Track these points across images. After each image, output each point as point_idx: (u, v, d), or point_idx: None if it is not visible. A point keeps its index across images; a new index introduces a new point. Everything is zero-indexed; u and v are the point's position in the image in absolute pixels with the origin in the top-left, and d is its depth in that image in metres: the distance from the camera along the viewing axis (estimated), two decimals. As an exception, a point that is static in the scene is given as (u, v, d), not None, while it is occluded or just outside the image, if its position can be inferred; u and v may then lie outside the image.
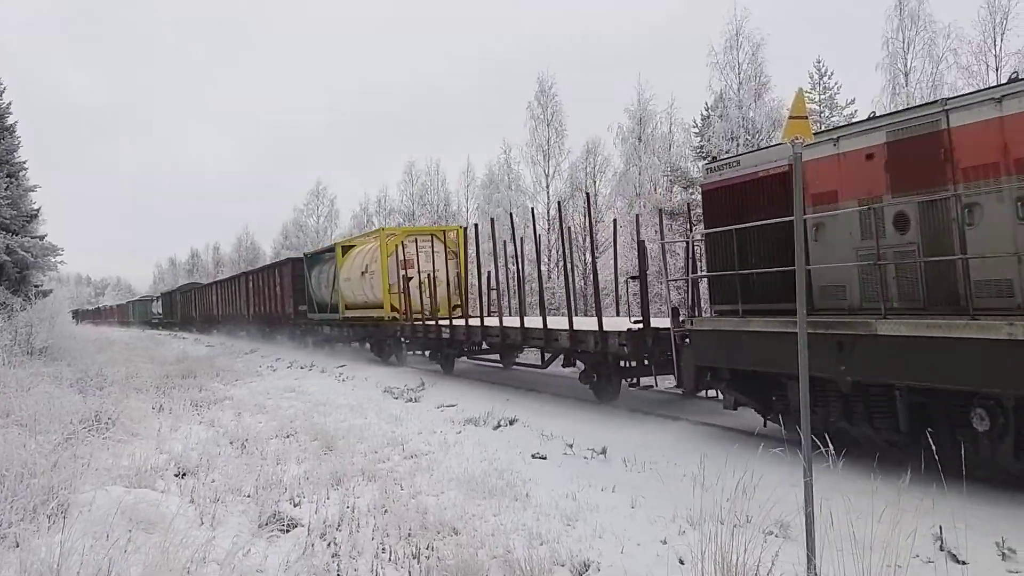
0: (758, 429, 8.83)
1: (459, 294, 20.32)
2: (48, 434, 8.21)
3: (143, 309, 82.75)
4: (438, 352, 19.75)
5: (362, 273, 23.32)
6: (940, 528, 5.28)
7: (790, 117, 4.91)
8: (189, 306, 60.42)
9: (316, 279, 29.11)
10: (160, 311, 75.27)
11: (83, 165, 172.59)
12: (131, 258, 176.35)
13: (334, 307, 26.42)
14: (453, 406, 13.09)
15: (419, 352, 21.53)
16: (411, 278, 20.56)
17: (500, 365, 17.90)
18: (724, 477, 7.19)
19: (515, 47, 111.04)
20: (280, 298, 33.76)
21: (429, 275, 21.01)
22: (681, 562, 5.04)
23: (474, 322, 17.02)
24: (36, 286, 24.58)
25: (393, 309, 21.58)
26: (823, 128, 18.93)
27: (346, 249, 26.42)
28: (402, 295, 20.64)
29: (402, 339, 21.06)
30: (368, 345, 25.19)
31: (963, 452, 5.81)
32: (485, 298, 19.35)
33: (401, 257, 21.01)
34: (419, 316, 19.89)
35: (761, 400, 9.30)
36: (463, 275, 21.37)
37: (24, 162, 25.01)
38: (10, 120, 24.64)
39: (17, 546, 5.01)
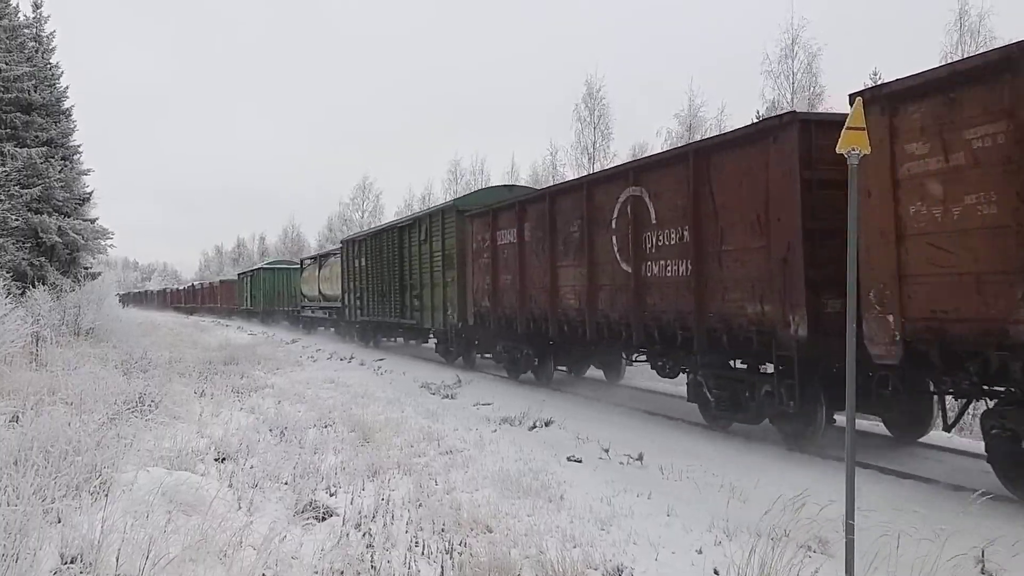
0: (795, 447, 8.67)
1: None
2: (93, 413, 8.35)
3: (271, 287, 44.58)
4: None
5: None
6: (983, 552, 5.16)
7: (847, 128, 4.83)
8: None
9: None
10: (320, 291, 34.35)
11: (127, 147, 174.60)
12: (176, 245, 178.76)
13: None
14: (489, 404, 13.10)
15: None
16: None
17: None
18: (763, 489, 7.11)
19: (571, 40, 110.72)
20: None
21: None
22: (716, 572, 4.98)
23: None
24: (85, 268, 25.08)
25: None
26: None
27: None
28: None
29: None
30: None
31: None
32: None
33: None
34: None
35: None
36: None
37: (79, 145, 25.55)
38: (66, 104, 25.16)
39: (59, 521, 5.10)
